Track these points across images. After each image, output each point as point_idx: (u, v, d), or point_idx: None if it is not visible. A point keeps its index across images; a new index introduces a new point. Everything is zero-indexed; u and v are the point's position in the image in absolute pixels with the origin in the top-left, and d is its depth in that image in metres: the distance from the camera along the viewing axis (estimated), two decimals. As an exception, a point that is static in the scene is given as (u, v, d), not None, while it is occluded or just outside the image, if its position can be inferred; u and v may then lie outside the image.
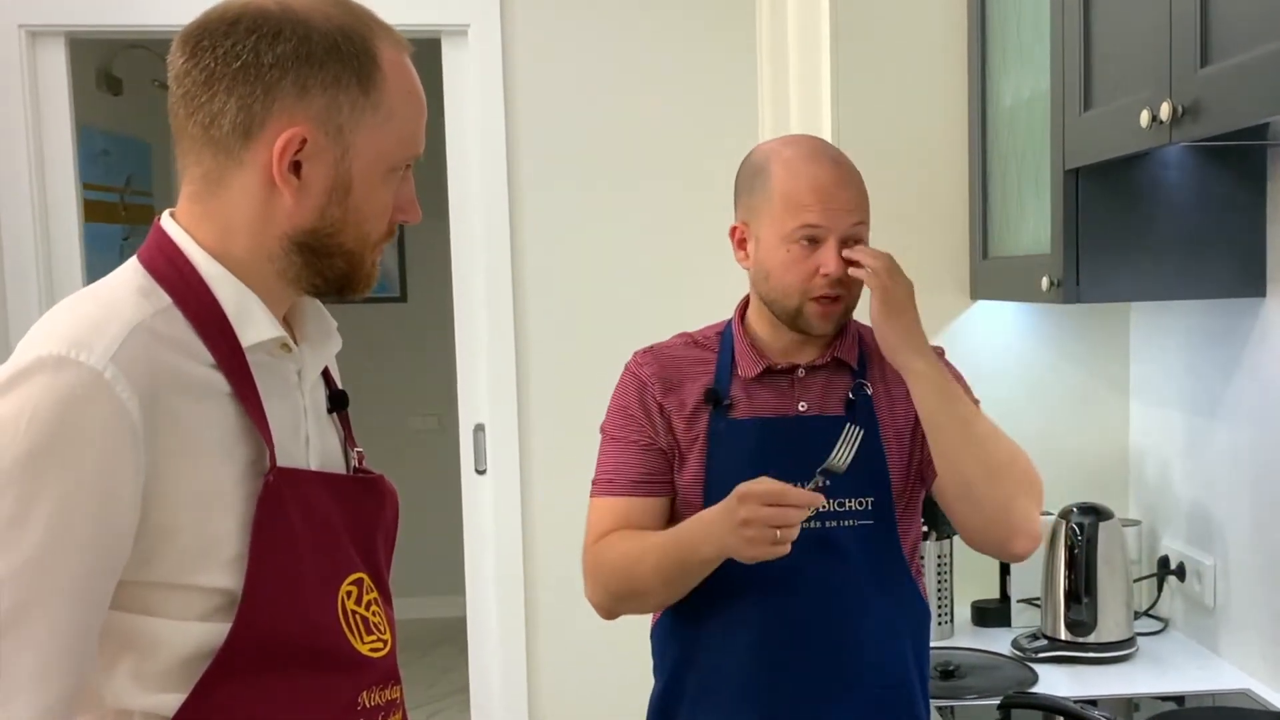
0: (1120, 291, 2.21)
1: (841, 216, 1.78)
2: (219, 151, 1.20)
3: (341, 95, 1.19)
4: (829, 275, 1.78)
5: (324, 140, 1.19)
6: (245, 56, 1.17)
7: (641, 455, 1.86)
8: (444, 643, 5.56)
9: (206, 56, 1.18)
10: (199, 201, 1.23)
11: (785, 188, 1.79)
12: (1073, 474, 2.69)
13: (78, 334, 1.11)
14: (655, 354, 1.91)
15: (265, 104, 1.17)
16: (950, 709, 2.14)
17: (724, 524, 1.64)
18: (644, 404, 1.86)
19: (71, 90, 3.34)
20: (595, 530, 1.88)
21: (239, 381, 1.20)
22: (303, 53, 1.17)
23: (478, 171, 3.39)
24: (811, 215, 1.77)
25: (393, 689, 1.33)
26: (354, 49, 1.20)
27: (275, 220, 1.21)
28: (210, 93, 1.18)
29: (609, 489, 1.88)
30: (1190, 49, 1.64)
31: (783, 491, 1.60)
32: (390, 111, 1.22)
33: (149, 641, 1.15)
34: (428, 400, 5.97)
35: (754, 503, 1.60)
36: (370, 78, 1.21)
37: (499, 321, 3.42)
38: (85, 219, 3.46)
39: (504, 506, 3.46)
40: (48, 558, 1.07)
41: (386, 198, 1.25)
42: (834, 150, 1.86)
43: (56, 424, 1.07)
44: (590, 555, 1.87)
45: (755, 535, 1.60)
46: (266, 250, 1.22)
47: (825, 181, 1.78)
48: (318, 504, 1.26)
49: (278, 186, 1.19)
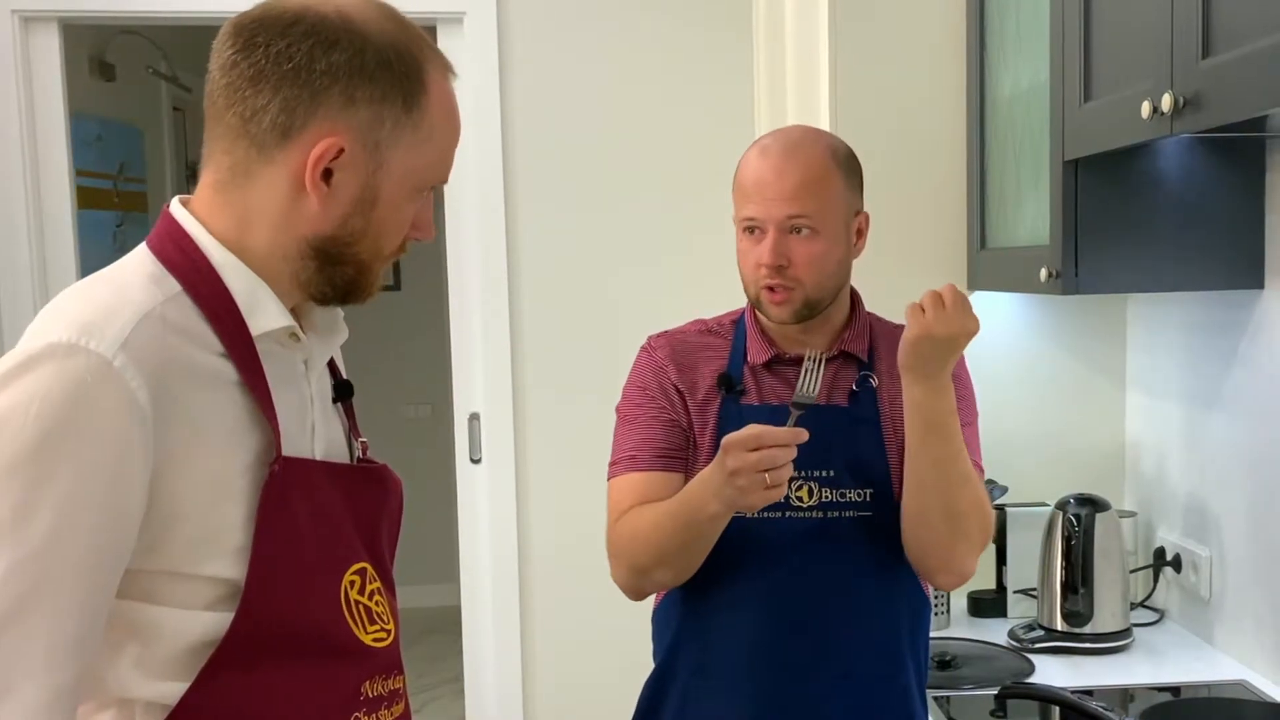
0: (1119, 283, 2.21)
1: (775, 207, 1.77)
2: (252, 146, 1.19)
3: (386, 111, 1.19)
4: (763, 266, 1.78)
5: (360, 152, 1.19)
6: (298, 59, 1.16)
7: (665, 430, 1.85)
8: (437, 631, 5.56)
9: (259, 53, 1.17)
10: (221, 191, 1.22)
11: (738, 179, 1.83)
12: (1070, 465, 2.70)
13: (88, 320, 1.10)
14: (669, 338, 1.92)
15: (310, 109, 1.17)
16: (947, 699, 2.14)
17: (718, 477, 1.63)
18: (661, 384, 1.87)
19: (64, 76, 3.33)
20: (617, 509, 1.84)
21: (248, 370, 1.19)
22: (356, 64, 1.17)
23: (473, 160, 3.38)
24: (750, 207, 1.79)
25: (395, 679, 1.33)
26: (405, 67, 1.20)
27: (297, 222, 1.21)
28: (256, 89, 1.17)
29: (632, 465, 1.86)
30: (1192, 40, 1.64)
31: (761, 434, 1.58)
32: (429, 133, 1.23)
33: (153, 630, 1.15)
34: (422, 389, 5.96)
35: (738, 450, 1.59)
36: (415, 97, 1.21)
37: (494, 310, 3.42)
38: (78, 206, 3.45)
39: (499, 495, 3.46)
40: (56, 544, 1.07)
41: (408, 215, 1.26)
42: (799, 138, 1.83)
43: (65, 411, 1.07)
44: (614, 533, 1.84)
45: (746, 484, 1.59)
46: (282, 249, 1.22)
47: (764, 173, 1.78)
48: (322, 493, 1.26)
49: (305, 190, 1.19)
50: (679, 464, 1.85)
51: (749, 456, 1.58)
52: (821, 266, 1.79)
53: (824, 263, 1.79)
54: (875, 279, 2.59)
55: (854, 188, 1.84)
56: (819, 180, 1.78)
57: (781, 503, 1.77)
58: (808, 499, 1.80)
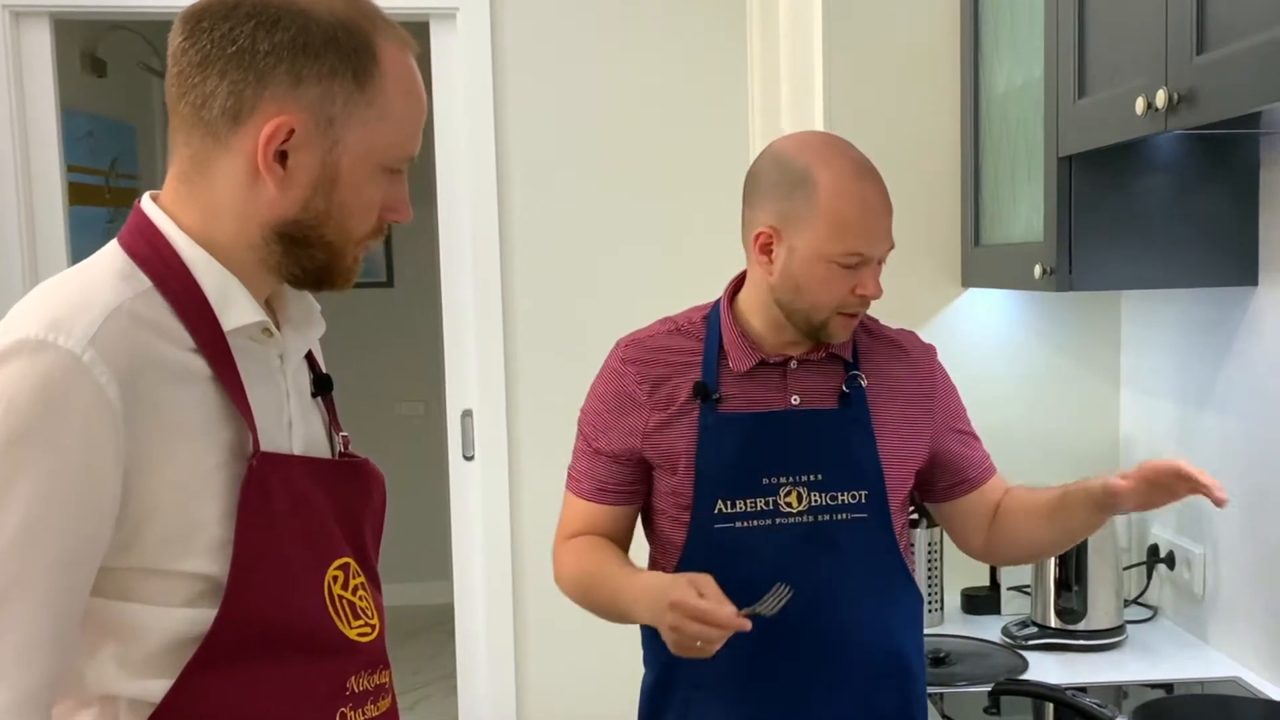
0: (1113, 279, 2.20)
1: (883, 242, 1.77)
2: (208, 134, 1.19)
3: (335, 87, 1.18)
4: (867, 297, 1.77)
5: (314, 131, 1.18)
6: (241, 41, 1.16)
7: (608, 465, 1.86)
8: (430, 629, 5.56)
9: (204, 38, 1.17)
10: (185, 182, 1.22)
11: (834, 208, 1.72)
12: (1064, 462, 2.68)
13: (57, 317, 1.10)
14: (640, 345, 1.87)
15: (256, 90, 1.16)
16: (940, 696, 2.14)
17: (655, 610, 1.64)
18: (621, 406, 1.84)
19: (56, 72, 3.32)
20: (563, 526, 1.93)
21: (220, 365, 1.18)
22: (300, 42, 1.16)
23: (465, 156, 3.37)
24: (860, 243, 1.73)
25: (381, 673, 1.32)
26: (353, 43, 1.19)
27: (258, 208, 1.20)
28: (203, 74, 1.17)
29: (576, 490, 1.92)
30: (1186, 37, 1.64)
31: (706, 612, 1.58)
32: (385, 109, 1.21)
33: (132, 627, 1.15)
34: (415, 386, 5.95)
35: (681, 614, 1.60)
36: (367, 72, 1.19)
37: (486, 307, 3.41)
38: (70, 202, 3.45)
39: (492, 492, 3.45)
40: (27, 542, 1.06)
41: (374, 195, 1.24)
42: (869, 163, 1.80)
43: (35, 407, 1.06)
44: (556, 555, 1.92)
45: (678, 640, 1.62)
46: (248, 237, 1.21)
47: (874, 206, 1.75)
48: (302, 488, 1.25)
49: (262, 174, 1.18)
50: (624, 497, 1.88)
51: (690, 626, 1.59)
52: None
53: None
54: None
55: None
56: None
57: (770, 509, 1.78)
58: (797, 504, 1.79)
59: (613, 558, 1.84)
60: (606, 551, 1.86)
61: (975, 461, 1.93)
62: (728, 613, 1.59)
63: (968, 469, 1.92)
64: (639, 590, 1.71)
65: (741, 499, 1.78)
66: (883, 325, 1.94)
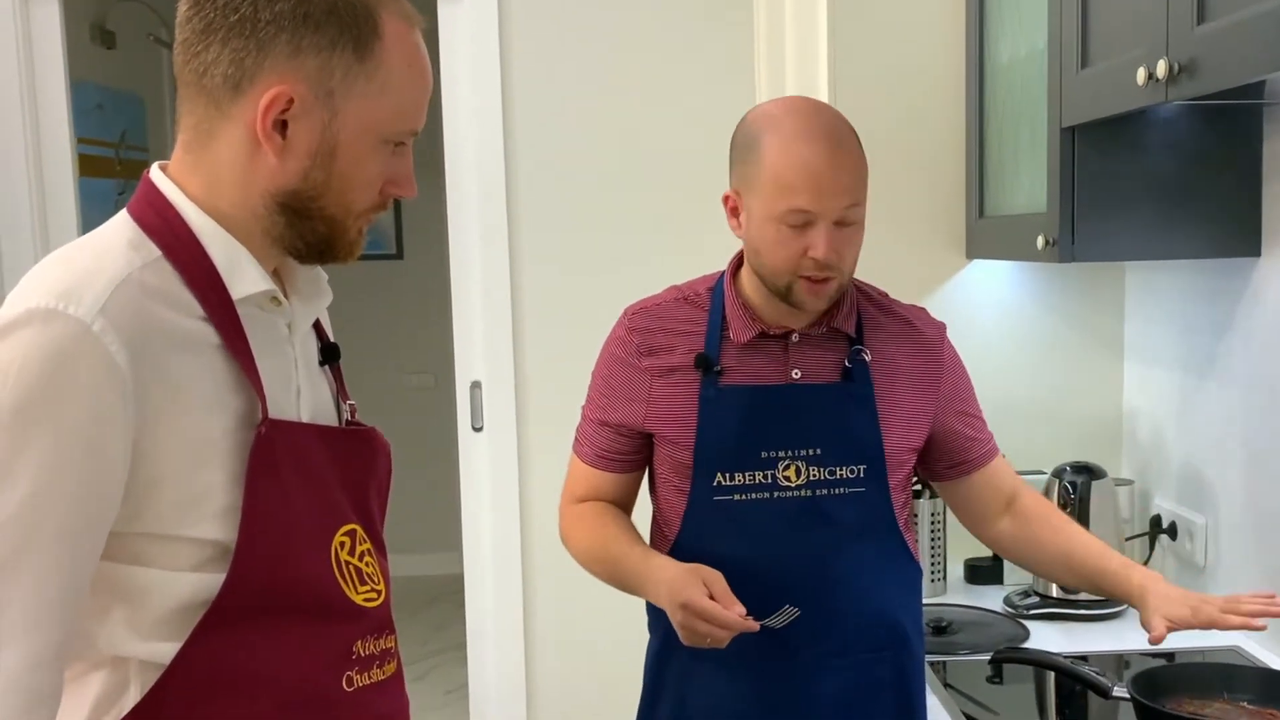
0: (1115, 250, 2.20)
1: (833, 200, 1.69)
2: (210, 102, 1.20)
3: (335, 59, 1.19)
4: (817, 259, 1.70)
5: (313, 102, 1.19)
6: (243, 10, 1.17)
7: (611, 435, 1.89)
8: (440, 599, 5.60)
9: (208, 6, 1.18)
10: (190, 151, 1.24)
11: (776, 167, 1.70)
12: (1067, 433, 2.70)
13: (67, 286, 1.11)
14: (645, 314, 1.88)
15: (257, 59, 1.17)
16: (943, 664, 2.16)
17: (667, 601, 1.69)
18: (625, 374, 1.87)
19: (65, 44, 3.33)
20: (569, 490, 1.97)
21: (229, 334, 1.20)
22: (300, 13, 1.17)
23: (473, 129, 3.38)
24: (802, 199, 1.68)
25: (387, 638, 1.34)
26: (355, 15, 1.19)
27: (258, 177, 1.21)
28: (206, 42, 1.18)
29: (580, 453, 1.96)
30: (1186, 6, 1.64)
31: (715, 615, 1.63)
32: (386, 81, 1.22)
33: (141, 591, 1.17)
34: (425, 357, 5.98)
35: (691, 614, 1.64)
36: (368, 45, 1.20)
37: (494, 278, 3.42)
38: (80, 174, 3.46)
39: (500, 463, 3.48)
40: (36, 508, 1.08)
41: (375, 168, 1.24)
42: (832, 121, 1.74)
43: (45, 376, 1.08)
44: (563, 516, 1.96)
45: (686, 636, 1.67)
46: (250, 207, 1.22)
47: (818, 164, 1.68)
48: (310, 455, 1.26)
49: (262, 143, 1.19)
50: (625, 465, 1.91)
51: (698, 625, 1.64)
52: (858, 252, 1.77)
53: (859, 248, 1.77)
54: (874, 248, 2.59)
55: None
56: (863, 168, 1.74)
57: (768, 483, 1.79)
58: (795, 478, 1.80)
59: (623, 535, 1.86)
60: (616, 526, 1.88)
61: (978, 443, 1.94)
62: (735, 615, 1.63)
63: (969, 450, 1.92)
64: (653, 579, 1.74)
65: (740, 472, 1.80)
66: (894, 300, 1.93)
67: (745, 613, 1.64)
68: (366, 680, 1.30)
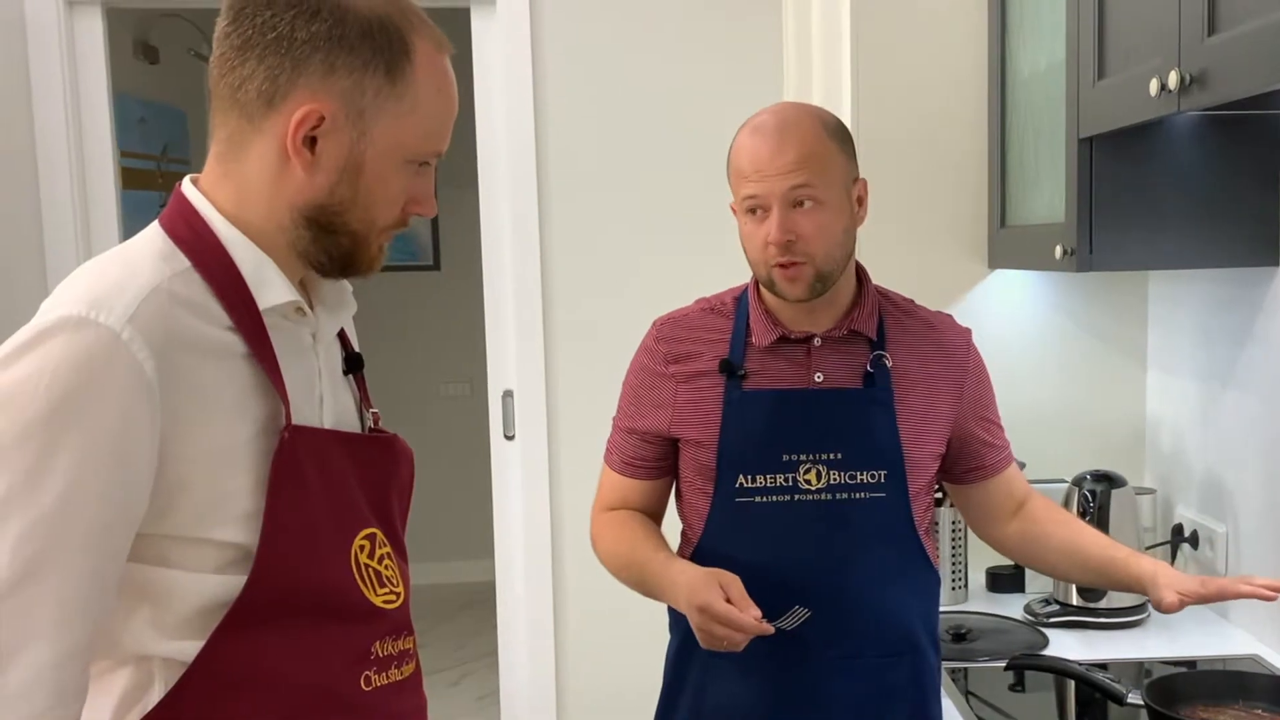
0: (1132, 260, 2.22)
1: (776, 182, 1.76)
2: (243, 116, 1.25)
3: (367, 79, 1.23)
4: (772, 244, 1.77)
5: (343, 120, 1.23)
6: (280, 29, 1.21)
7: (637, 443, 1.94)
8: (473, 606, 5.63)
9: (246, 23, 1.23)
10: (221, 163, 1.28)
11: (733, 162, 1.83)
12: (1089, 442, 2.71)
13: (98, 295, 1.15)
14: (673, 324, 1.93)
15: (291, 77, 1.22)
16: (963, 671, 2.17)
17: (685, 604, 1.72)
18: (652, 383, 1.91)
19: (109, 59, 3.40)
20: (600, 498, 2.02)
21: (256, 343, 1.24)
22: (336, 34, 1.21)
23: (506, 141, 3.42)
24: (750, 185, 1.78)
25: (405, 639, 1.37)
26: (388, 38, 1.23)
27: (286, 191, 1.25)
28: (242, 58, 1.23)
29: (609, 461, 2.00)
30: (1198, 18, 1.66)
31: (731, 619, 1.66)
32: (415, 104, 1.26)
33: (165, 591, 1.20)
34: (460, 367, 6.03)
35: (709, 617, 1.67)
36: (399, 68, 1.24)
37: (526, 289, 3.46)
38: (123, 186, 3.53)
39: (531, 471, 3.51)
40: (66, 510, 1.11)
41: (399, 187, 1.28)
42: (788, 112, 1.83)
43: (76, 382, 1.11)
44: (594, 523, 2.01)
45: (703, 639, 1.70)
46: (277, 220, 1.26)
47: (760, 149, 1.78)
48: (332, 461, 1.30)
49: (291, 158, 1.23)
50: (653, 471, 1.95)
51: (716, 628, 1.67)
52: (829, 236, 1.78)
53: (831, 232, 1.78)
54: (896, 256, 2.62)
55: (849, 155, 1.83)
56: (815, 150, 1.77)
57: (789, 485, 1.82)
58: (816, 482, 1.82)
59: (648, 541, 1.90)
60: (642, 532, 1.92)
61: (995, 450, 1.96)
62: (750, 619, 1.65)
63: (986, 455, 1.95)
64: (672, 583, 1.77)
65: (762, 475, 1.83)
66: (919, 306, 1.95)
67: (761, 616, 1.66)
68: (385, 680, 1.33)
